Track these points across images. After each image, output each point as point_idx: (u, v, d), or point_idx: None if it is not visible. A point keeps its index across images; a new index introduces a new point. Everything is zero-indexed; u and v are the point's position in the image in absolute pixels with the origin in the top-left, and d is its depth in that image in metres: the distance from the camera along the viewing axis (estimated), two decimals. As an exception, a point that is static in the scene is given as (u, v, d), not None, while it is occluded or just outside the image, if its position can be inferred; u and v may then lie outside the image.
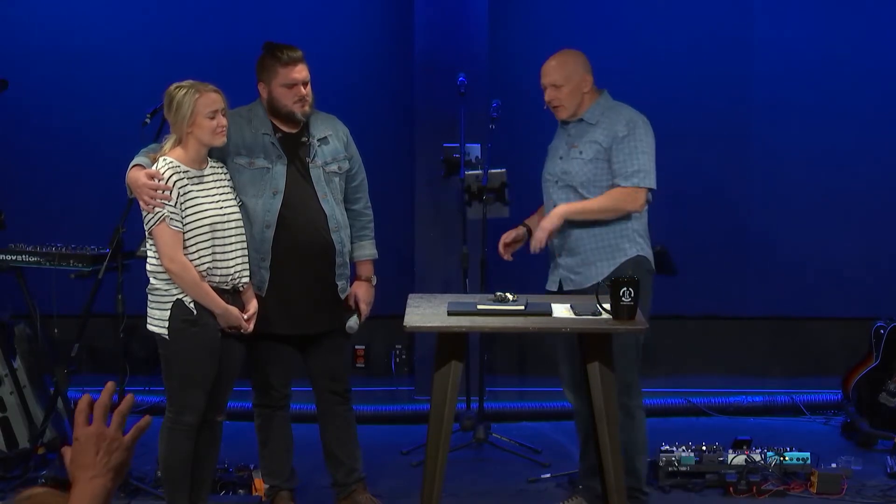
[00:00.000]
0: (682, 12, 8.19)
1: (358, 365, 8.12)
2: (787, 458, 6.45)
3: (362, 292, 5.84)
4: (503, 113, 7.20)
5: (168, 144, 5.31)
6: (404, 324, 4.95)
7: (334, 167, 5.70)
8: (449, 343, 5.03)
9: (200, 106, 5.21)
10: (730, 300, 8.34)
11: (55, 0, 8.14)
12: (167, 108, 5.28)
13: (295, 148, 5.65)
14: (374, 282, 5.91)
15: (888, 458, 6.77)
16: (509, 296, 5.16)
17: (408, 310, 5.19)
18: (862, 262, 8.26)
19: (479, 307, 5.10)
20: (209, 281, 5.29)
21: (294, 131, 5.66)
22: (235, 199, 5.46)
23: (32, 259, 6.55)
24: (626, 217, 5.75)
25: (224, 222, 5.32)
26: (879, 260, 8.26)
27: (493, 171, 7.14)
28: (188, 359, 5.33)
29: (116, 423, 2.57)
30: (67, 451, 2.60)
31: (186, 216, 5.22)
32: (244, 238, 5.44)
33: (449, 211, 7.70)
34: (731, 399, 7.99)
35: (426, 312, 5.12)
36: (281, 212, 5.57)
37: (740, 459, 6.45)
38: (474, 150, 7.31)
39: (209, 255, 5.27)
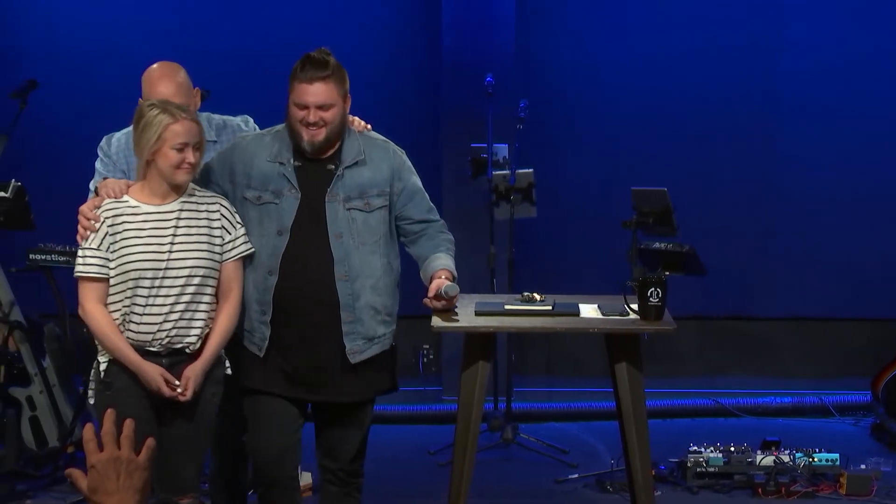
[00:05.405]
0: (709, 11, 8.17)
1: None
2: (816, 460, 6.43)
3: (439, 282, 4.81)
4: (531, 113, 7.20)
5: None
6: (432, 324, 4.93)
7: (358, 203, 4.73)
8: (476, 343, 5.03)
9: (169, 134, 4.50)
10: (758, 300, 8.31)
11: (80, 1, 8.18)
12: (135, 125, 4.59)
13: (315, 178, 4.73)
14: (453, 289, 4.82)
15: (918, 459, 6.74)
16: (536, 296, 5.15)
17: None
18: (891, 262, 8.21)
19: (507, 307, 5.09)
20: (126, 337, 4.57)
21: (321, 157, 4.76)
22: (215, 243, 4.64)
23: (62, 259, 6.58)
24: None
25: (161, 269, 4.54)
26: (909, 260, 8.22)
27: (520, 171, 7.14)
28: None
29: (127, 446, 2.57)
30: (74, 474, 2.60)
31: (116, 258, 4.57)
32: (199, 293, 4.61)
33: (476, 211, 7.68)
34: (759, 400, 7.96)
35: (453, 312, 5.11)
36: (284, 255, 4.69)
37: (769, 460, 6.42)
38: (502, 150, 7.30)
39: (127, 304, 4.56)
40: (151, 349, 4.58)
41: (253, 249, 4.71)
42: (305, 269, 4.69)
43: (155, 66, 5.14)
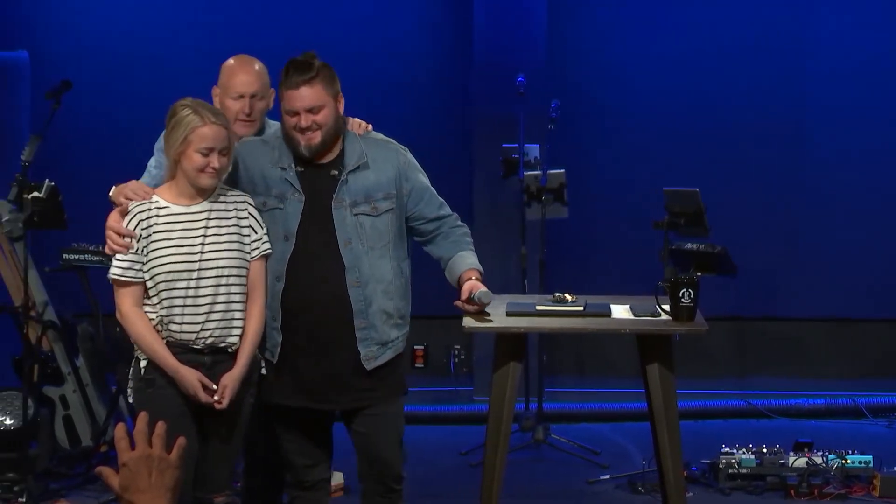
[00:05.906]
0: (740, 13, 8.16)
1: (417, 365, 8.13)
2: (848, 461, 6.40)
3: (471, 284, 4.78)
4: (562, 113, 7.19)
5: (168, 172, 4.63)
6: (463, 324, 4.92)
7: (365, 208, 4.63)
8: (508, 344, 5.02)
9: (195, 136, 4.43)
10: (790, 301, 8.29)
11: (112, 2, 8.22)
12: (167, 122, 4.54)
13: (318, 183, 4.63)
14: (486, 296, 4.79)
15: (952, 461, 6.70)
16: (568, 296, 5.13)
17: (466, 310, 5.16)
18: (924, 262, 8.19)
19: (538, 308, 5.08)
20: (166, 337, 4.53)
21: (322, 161, 4.65)
22: (244, 241, 4.58)
23: (95, 258, 6.62)
24: None
25: (195, 270, 4.49)
26: (942, 261, 8.18)
27: (552, 171, 7.13)
28: None
29: (159, 445, 2.58)
30: (105, 472, 2.60)
31: (148, 260, 4.51)
32: (234, 292, 4.56)
33: (508, 212, 7.69)
34: (791, 401, 7.93)
35: (485, 313, 5.10)
36: (291, 261, 4.61)
37: (801, 462, 6.40)
38: (533, 150, 7.30)
39: (166, 306, 4.50)
40: (195, 347, 4.53)
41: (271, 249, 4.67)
42: (314, 275, 4.61)
43: (232, 58, 5.12)
